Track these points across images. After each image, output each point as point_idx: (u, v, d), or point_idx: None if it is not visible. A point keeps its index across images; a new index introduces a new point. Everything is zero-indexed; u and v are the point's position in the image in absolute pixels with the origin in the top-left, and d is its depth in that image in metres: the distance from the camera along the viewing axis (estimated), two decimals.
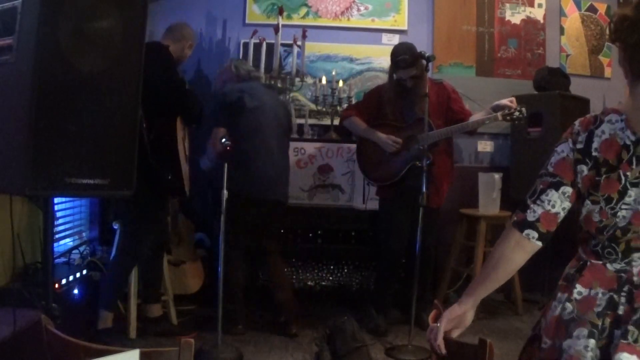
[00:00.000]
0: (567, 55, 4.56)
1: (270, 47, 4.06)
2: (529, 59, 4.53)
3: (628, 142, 1.31)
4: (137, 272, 3.18)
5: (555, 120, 3.92)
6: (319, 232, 3.99)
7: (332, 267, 4.02)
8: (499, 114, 3.20)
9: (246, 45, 4.19)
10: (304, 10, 4.46)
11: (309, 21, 4.43)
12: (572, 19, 4.59)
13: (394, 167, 3.43)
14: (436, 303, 1.59)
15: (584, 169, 1.36)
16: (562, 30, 4.57)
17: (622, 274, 1.32)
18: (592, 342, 1.30)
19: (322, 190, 3.96)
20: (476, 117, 3.37)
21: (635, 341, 1.25)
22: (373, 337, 3.32)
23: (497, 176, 3.88)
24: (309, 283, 4.00)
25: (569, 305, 1.36)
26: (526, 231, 1.39)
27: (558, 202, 1.39)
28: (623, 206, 1.32)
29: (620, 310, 1.30)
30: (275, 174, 3.35)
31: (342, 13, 4.47)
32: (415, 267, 3.16)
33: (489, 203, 3.87)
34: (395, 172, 3.42)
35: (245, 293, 3.48)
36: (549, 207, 1.39)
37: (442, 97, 3.45)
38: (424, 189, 3.09)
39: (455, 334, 1.46)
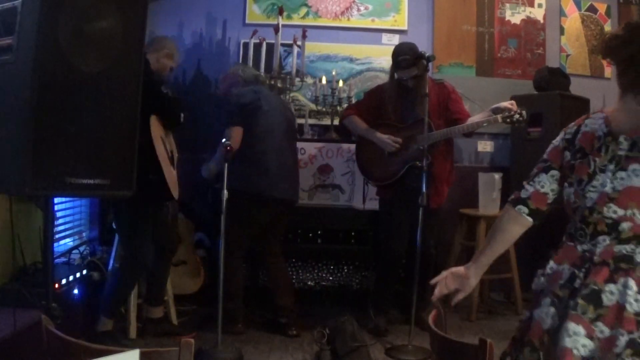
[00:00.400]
0: (567, 55, 4.56)
1: (270, 47, 4.06)
2: (529, 59, 4.53)
3: (601, 134, 1.53)
4: None
5: (555, 120, 3.91)
6: (319, 232, 3.99)
7: (332, 267, 4.02)
8: (499, 117, 3.20)
9: (246, 45, 4.19)
10: (304, 10, 4.46)
11: (309, 21, 4.43)
12: (572, 19, 4.59)
13: (392, 167, 3.43)
14: (436, 303, 1.59)
15: (568, 155, 1.59)
16: (562, 30, 4.57)
17: (587, 253, 1.50)
18: (552, 310, 1.50)
19: (322, 190, 3.96)
20: (476, 118, 3.36)
21: (584, 313, 1.42)
22: (373, 337, 3.31)
23: (497, 176, 3.88)
24: (309, 283, 4.01)
25: (542, 279, 1.59)
26: (518, 206, 1.63)
27: (547, 184, 1.63)
28: (591, 188, 1.51)
29: (577, 284, 1.48)
30: (287, 174, 3.40)
31: (342, 13, 4.47)
32: (415, 267, 3.16)
33: (489, 203, 3.87)
34: (394, 172, 3.42)
35: (246, 292, 3.48)
36: (539, 187, 1.63)
37: (442, 97, 3.45)
38: (424, 189, 3.10)
39: (459, 297, 1.68)
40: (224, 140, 2.95)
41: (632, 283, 1.41)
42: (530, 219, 1.62)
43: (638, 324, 1.38)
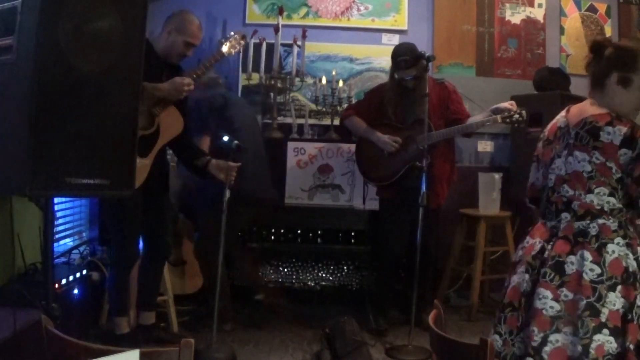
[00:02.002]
0: (567, 55, 4.56)
1: (270, 47, 4.06)
2: (529, 59, 4.52)
3: (562, 125, 1.88)
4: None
5: None
6: (319, 232, 3.99)
7: (332, 267, 4.01)
8: (498, 117, 3.21)
9: (246, 45, 4.18)
10: (304, 10, 4.46)
11: (309, 21, 4.43)
12: (572, 19, 4.58)
13: (392, 167, 3.42)
14: (436, 303, 1.60)
15: (540, 145, 1.98)
16: (562, 30, 4.57)
17: (554, 229, 1.82)
18: (527, 276, 1.81)
19: (322, 190, 3.96)
20: (475, 118, 3.37)
21: (551, 280, 1.72)
22: (373, 337, 3.32)
23: (497, 176, 3.88)
24: (309, 283, 4.00)
25: (519, 252, 1.91)
26: (527, 199, 2.08)
27: (532, 173, 2.01)
28: (551, 171, 1.86)
29: (546, 255, 1.78)
30: (264, 175, 3.49)
31: (342, 13, 4.47)
32: (415, 267, 3.16)
33: (489, 203, 3.87)
34: (393, 173, 3.42)
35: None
36: (530, 180, 2.03)
37: (443, 97, 3.45)
38: (424, 189, 3.09)
39: None
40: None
41: (587, 254, 1.69)
42: (533, 206, 2.02)
43: (593, 290, 1.65)
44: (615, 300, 1.63)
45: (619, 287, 1.65)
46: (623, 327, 1.62)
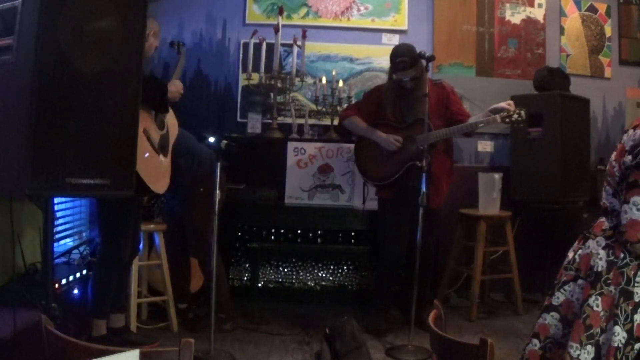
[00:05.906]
0: (567, 55, 4.56)
1: (270, 47, 4.06)
2: (529, 59, 4.52)
3: None
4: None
5: (556, 121, 3.91)
6: (319, 232, 3.99)
7: (332, 267, 4.02)
8: (497, 116, 3.21)
9: (246, 45, 4.19)
10: (304, 10, 4.46)
11: (309, 21, 4.43)
12: (572, 19, 4.58)
13: (391, 167, 3.42)
14: (436, 303, 1.60)
15: None
16: (562, 30, 4.57)
17: None
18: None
19: (322, 190, 3.96)
20: (475, 118, 3.37)
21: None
22: (373, 337, 3.32)
23: (497, 176, 3.88)
24: (309, 283, 4.01)
25: None
26: None
27: None
28: None
29: None
30: None
31: (342, 13, 4.47)
32: (415, 267, 3.16)
33: (489, 203, 3.87)
34: (392, 172, 3.42)
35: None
36: None
37: (441, 98, 3.45)
38: (424, 189, 3.10)
39: None
40: (212, 139, 2.93)
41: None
42: None
43: (621, 275, 1.63)
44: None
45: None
46: None
